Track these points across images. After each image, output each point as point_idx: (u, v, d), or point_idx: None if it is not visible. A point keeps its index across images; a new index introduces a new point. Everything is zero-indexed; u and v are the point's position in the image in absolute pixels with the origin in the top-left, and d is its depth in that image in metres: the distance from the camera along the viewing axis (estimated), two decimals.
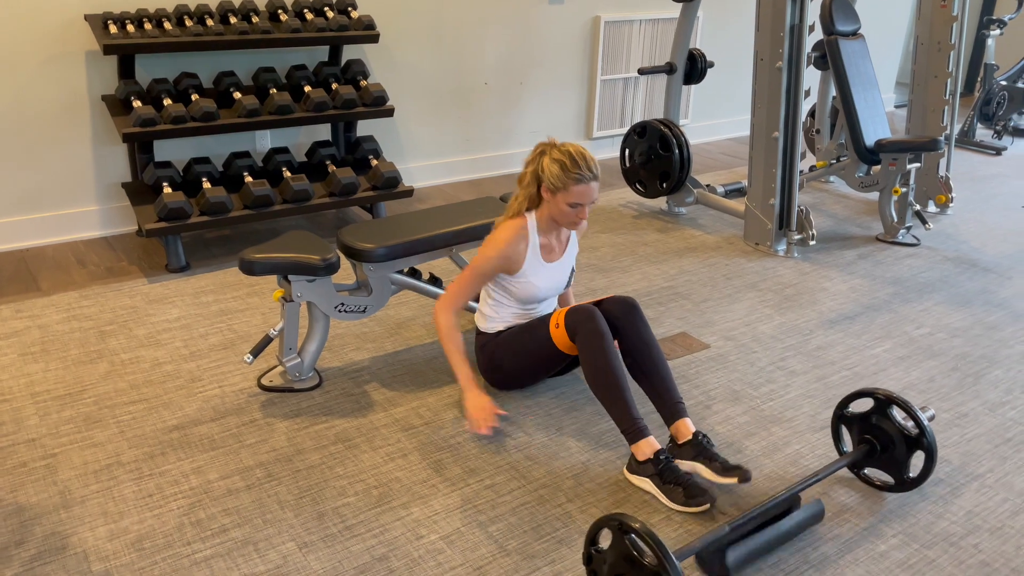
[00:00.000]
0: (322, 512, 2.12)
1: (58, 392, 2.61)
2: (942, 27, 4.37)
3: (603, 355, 2.27)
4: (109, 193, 3.86)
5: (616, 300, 2.45)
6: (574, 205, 2.36)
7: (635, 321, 2.40)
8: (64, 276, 3.46)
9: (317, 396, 2.64)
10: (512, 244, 2.45)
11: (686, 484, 2.14)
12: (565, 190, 2.34)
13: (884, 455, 2.19)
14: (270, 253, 2.51)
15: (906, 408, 2.12)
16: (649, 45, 5.37)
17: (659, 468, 2.18)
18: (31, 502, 2.12)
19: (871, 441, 2.19)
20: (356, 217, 4.29)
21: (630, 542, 1.66)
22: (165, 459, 2.30)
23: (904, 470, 2.17)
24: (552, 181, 2.35)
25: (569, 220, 2.41)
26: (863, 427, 2.22)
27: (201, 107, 3.49)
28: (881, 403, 2.17)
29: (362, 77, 4.02)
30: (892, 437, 2.16)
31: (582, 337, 2.31)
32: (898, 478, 2.19)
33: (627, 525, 1.65)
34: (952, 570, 1.98)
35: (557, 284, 2.61)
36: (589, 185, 2.34)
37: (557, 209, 2.40)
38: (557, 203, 2.38)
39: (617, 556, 1.69)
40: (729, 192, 4.55)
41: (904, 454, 2.15)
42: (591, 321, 2.31)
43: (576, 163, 2.32)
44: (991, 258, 3.94)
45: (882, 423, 2.18)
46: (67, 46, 3.57)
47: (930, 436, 2.10)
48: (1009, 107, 6.12)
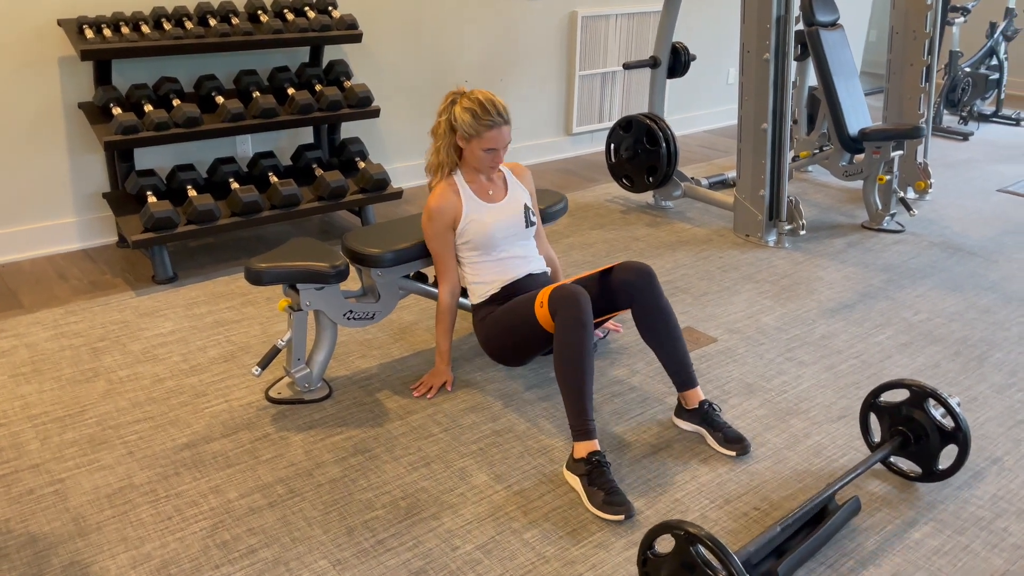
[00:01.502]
0: (351, 527, 2.06)
1: (57, 414, 2.50)
2: (917, 16, 4.44)
3: (578, 348, 2.19)
4: (88, 204, 3.73)
5: (631, 268, 2.41)
6: (488, 150, 2.48)
7: (652, 289, 2.38)
8: (46, 292, 3.33)
9: (329, 407, 2.57)
10: (441, 203, 2.54)
11: (609, 490, 2.11)
12: (479, 136, 2.46)
13: (916, 446, 2.19)
14: (277, 262, 2.43)
15: (942, 401, 2.12)
16: (626, 39, 5.37)
17: (588, 469, 2.16)
18: (44, 531, 2.02)
19: (904, 432, 2.19)
20: (341, 221, 4.21)
21: (696, 552, 1.63)
22: (180, 479, 2.22)
23: (935, 462, 2.18)
24: (465, 129, 2.46)
25: (486, 165, 2.53)
26: (895, 419, 2.22)
27: (184, 112, 3.38)
28: (916, 395, 2.16)
29: (345, 78, 3.94)
30: (926, 429, 2.16)
31: (561, 322, 2.23)
32: (927, 469, 2.19)
33: (693, 535, 1.62)
34: (986, 554, 2.00)
35: (511, 224, 2.60)
36: (501, 130, 2.46)
37: (473, 155, 2.51)
38: (472, 150, 2.50)
39: (678, 564, 1.67)
40: (713, 184, 4.57)
41: (937, 446, 2.15)
42: (575, 307, 2.21)
43: (487, 110, 2.43)
44: (975, 242, 4.02)
45: (915, 415, 2.17)
46: (40, 53, 3.43)
47: (965, 429, 2.10)
48: (973, 93, 6.25)
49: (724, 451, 2.34)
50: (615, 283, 2.43)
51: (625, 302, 2.43)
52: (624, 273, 2.41)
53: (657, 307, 2.38)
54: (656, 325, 2.38)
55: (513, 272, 2.60)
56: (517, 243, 2.64)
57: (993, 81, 6.27)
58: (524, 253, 2.65)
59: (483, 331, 2.60)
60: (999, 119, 6.47)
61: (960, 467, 2.16)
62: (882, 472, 2.29)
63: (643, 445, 2.41)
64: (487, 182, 2.63)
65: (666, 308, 2.39)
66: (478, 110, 2.42)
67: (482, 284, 2.61)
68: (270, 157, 3.81)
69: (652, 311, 2.38)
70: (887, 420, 2.24)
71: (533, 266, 2.65)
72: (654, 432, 2.46)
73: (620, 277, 2.41)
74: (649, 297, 2.38)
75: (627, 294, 2.39)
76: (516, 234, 2.63)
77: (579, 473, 2.18)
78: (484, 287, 2.60)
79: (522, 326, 2.43)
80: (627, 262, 2.44)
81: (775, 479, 2.26)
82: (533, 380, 2.73)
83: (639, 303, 2.39)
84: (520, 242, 2.65)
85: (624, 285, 2.40)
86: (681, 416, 2.47)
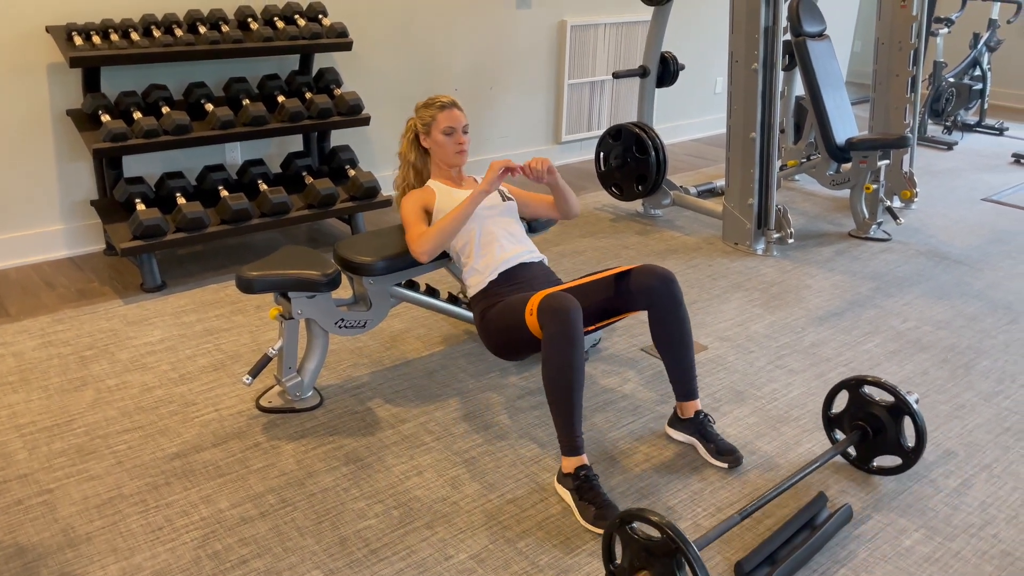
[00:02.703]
0: (344, 537, 2.05)
1: (44, 423, 2.48)
2: (902, 27, 4.49)
3: (565, 364, 2.13)
4: (75, 211, 3.70)
5: (653, 272, 2.37)
6: (449, 132, 2.64)
7: (674, 296, 2.35)
8: (33, 300, 3.30)
9: (320, 415, 2.56)
10: (420, 193, 2.69)
11: (600, 504, 2.10)
12: (435, 120, 2.64)
13: (879, 437, 2.28)
14: (269, 270, 2.43)
15: (877, 383, 2.24)
16: (615, 49, 5.40)
17: (577, 484, 2.15)
18: (32, 542, 2.00)
19: (860, 426, 2.30)
20: (331, 229, 4.20)
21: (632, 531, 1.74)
22: (170, 489, 2.20)
23: (903, 441, 2.26)
24: (424, 121, 2.67)
25: (452, 152, 2.67)
26: (851, 418, 2.34)
27: (174, 120, 3.37)
28: (852, 387, 2.30)
29: (335, 85, 3.94)
30: (877, 415, 2.27)
31: (549, 337, 2.17)
32: (902, 454, 2.27)
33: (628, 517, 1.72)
34: (976, 561, 2.02)
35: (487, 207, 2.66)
36: (452, 111, 2.65)
37: (438, 147, 2.67)
38: (435, 140, 2.66)
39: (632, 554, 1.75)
40: (701, 193, 4.60)
41: (895, 427, 2.25)
42: (565, 324, 2.13)
43: (434, 98, 2.69)
44: (960, 250, 4.06)
45: (863, 406, 2.29)
46: (28, 59, 3.41)
47: (903, 399, 2.20)
48: (957, 103, 6.32)
49: (716, 463, 2.35)
50: (634, 285, 2.38)
51: (642, 304, 2.39)
52: (646, 277, 2.37)
53: (676, 315, 2.36)
54: (671, 332, 2.37)
55: (501, 256, 2.56)
56: (500, 224, 2.63)
57: (977, 91, 6.35)
58: (510, 234, 2.63)
59: (481, 327, 2.55)
60: (983, 129, 6.54)
61: (924, 436, 2.21)
62: (874, 481, 2.30)
63: (635, 454, 2.41)
64: (457, 182, 2.75)
65: (684, 316, 2.37)
66: (426, 101, 2.71)
67: (474, 273, 2.57)
68: (260, 165, 3.80)
69: (671, 318, 2.36)
70: (846, 423, 2.36)
71: (525, 255, 2.60)
72: (647, 441, 2.47)
73: (641, 280, 2.38)
74: (669, 303, 2.35)
75: (647, 297, 2.36)
76: (494, 207, 2.65)
77: (569, 488, 2.18)
78: (477, 276, 2.56)
79: (515, 328, 2.38)
80: (648, 265, 2.40)
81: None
82: (526, 388, 2.73)
83: (658, 308, 2.36)
84: (502, 221, 2.64)
85: (645, 289, 2.36)
86: (675, 426, 2.48)
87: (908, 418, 2.23)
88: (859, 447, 2.33)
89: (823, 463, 2.17)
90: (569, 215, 2.81)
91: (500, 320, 2.44)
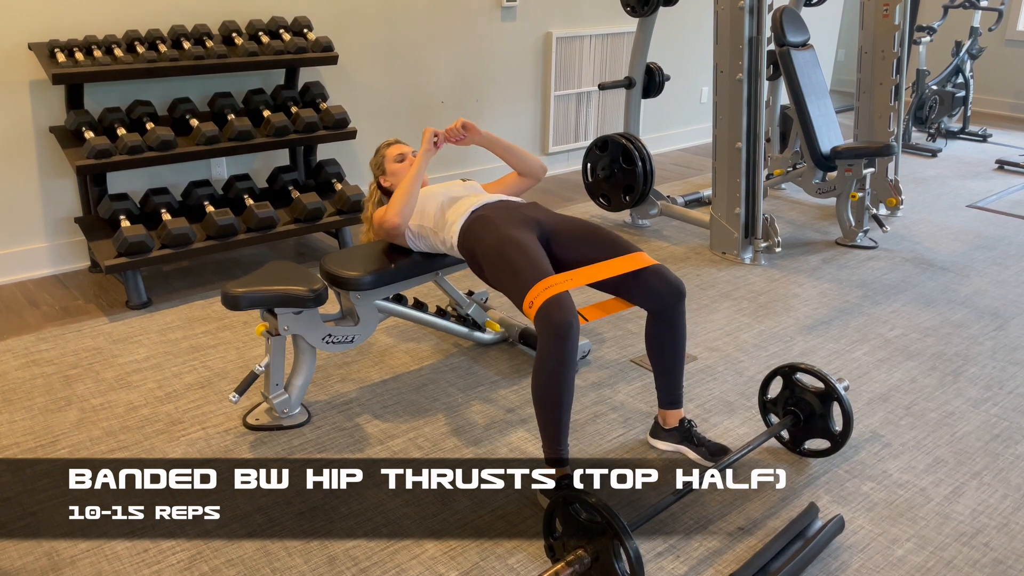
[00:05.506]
0: (333, 556, 2.03)
1: (28, 444, 2.45)
2: (885, 36, 4.52)
3: (557, 383, 2.11)
4: (58, 228, 3.67)
5: (666, 279, 2.34)
6: (400, 159, 2.83)
7: (678, 308, 2.35)
8: (16, 319, 3.27)
9: (308, 432, 2.54)
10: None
11: None
12: (384, 158, 2.86)
13: (811, 422, 2.38)
14: (255, 286, 2.41)
15: (809, 371, 2.34)
16: (600, 60, 5.41)
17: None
18: (15, 567, 1.97)
19: (794, 412, 2.39)
20: (318, 243, 4.18)
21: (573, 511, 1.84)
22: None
23: (831, 428, 2.35)
24: (376, 165, 2.89)
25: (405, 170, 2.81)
26: (784, 403, 2.43)
27: (158, 136, 3.35)
28: (786, 373, 2.40)
29: (321, 99, 3.93)
30: (808, 401, 2.36)
31: (542, 348, 2.13)
32: (831, 438, 2.36)
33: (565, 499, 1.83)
34: (968, 570, 2.01)
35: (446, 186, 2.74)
36: (396, 143, 2.89)
37: (396, 176, 2.83)
38: (391, 171, 2.84)
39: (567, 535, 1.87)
40: (689, 203, 4.61)
41: (824, 411, 2.34)
42: (564, 339, 2.10)
43: (379, 147, 2.91)
44: (946, 257, 4.08)
45: (796, 392, 2.39)
46: (10, 76, 3.38)
47: (832, 385, 2.29)
48: (941, 110, 6.37)
49: (710, 465, 2.26)
50: (643, 285, 2.35)
51: (645, 304, 2.37)
52: (657, 281, 2.34)
53: (675, 325, 2.37)
54: (666, 340, 2.38)
55: (468, 204, 2.58)
56: (461, 196, 2.67)
57: (960, 99, 6.40)
58: (473, 193, 2.70)
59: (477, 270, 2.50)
60: (966, 136, 6.59)
61: (850, 420, 2.31)
62: (866, 490, 2.30)
63: (624, 464, 2.39)
64: None
65: (682, 328, 2.38)
66: (375, 153, 2.92)
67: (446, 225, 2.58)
68: (245, 180, 3.78)
69: (669, 327, 2.36)
70: (780, 408, 2.46)
71: (492, 199, 2.64)
72: (636, 452, 2.46)
73: (651, 283, 2.34)
74: (672, 315, 2.35)
75: (652, 301, 2.35)
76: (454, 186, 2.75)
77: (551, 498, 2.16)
78: (451, 227, 2.55)
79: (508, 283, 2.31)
80: (662, 269, 2.36)
81: (758, 497, 2.26)
82: (514, 402, 2.72)
83: (660, 315, 2.36)
84: (462, 196, 2.67)
85: (653, 292, 2.34)
86: (659, 436, 2.47)
87: (836, 404, 2.32)
88: (792, 431, 2.42)
89: (756, 446, 2.30)
90: (531, 172, 2.97)
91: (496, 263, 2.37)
